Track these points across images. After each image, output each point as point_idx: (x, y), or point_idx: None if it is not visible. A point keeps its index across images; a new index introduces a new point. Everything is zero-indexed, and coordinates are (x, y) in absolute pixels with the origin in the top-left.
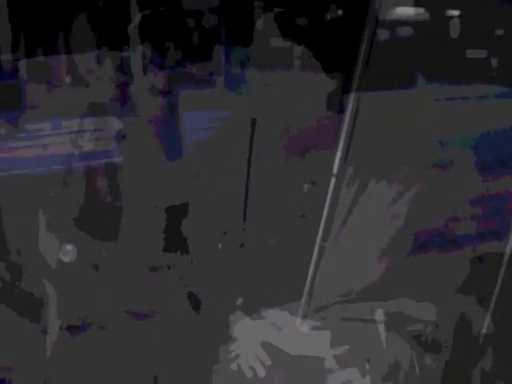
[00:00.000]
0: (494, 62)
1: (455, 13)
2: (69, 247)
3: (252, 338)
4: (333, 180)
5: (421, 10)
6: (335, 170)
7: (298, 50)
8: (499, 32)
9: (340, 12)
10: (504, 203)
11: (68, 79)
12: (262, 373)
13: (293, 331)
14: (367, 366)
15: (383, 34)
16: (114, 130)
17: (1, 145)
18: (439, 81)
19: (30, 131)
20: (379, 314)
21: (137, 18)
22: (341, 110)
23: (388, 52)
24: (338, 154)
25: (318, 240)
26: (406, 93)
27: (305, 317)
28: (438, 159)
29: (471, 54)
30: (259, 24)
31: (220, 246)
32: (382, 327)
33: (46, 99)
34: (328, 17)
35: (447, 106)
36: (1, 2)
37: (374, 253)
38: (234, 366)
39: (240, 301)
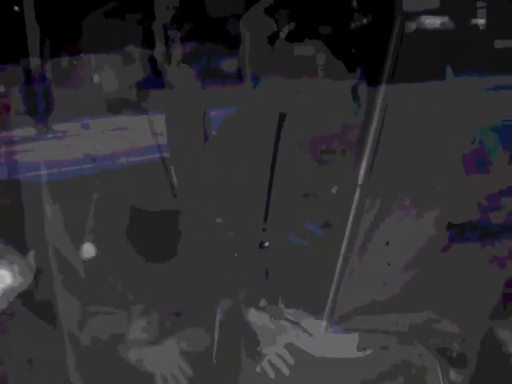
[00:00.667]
0: None
1: (481, 21)
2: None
3: (275, 338)
4: (358, 190)
5: (445, 19)
6: (360, 180)
7: (322, 58)
8: None
9: (365, 21)
10: None
11: (96, 79)
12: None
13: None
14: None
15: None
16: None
17: (30, 146)
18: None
19: (58, 132)
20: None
21: (169, 14)
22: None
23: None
24: (364, 164)
25: (343, 250)
26: (435, 92)
27: (327, 328)
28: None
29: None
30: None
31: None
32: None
33: (73, 99)
34: (353, 25)
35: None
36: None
37: (398, 265)
38: (258, 368)
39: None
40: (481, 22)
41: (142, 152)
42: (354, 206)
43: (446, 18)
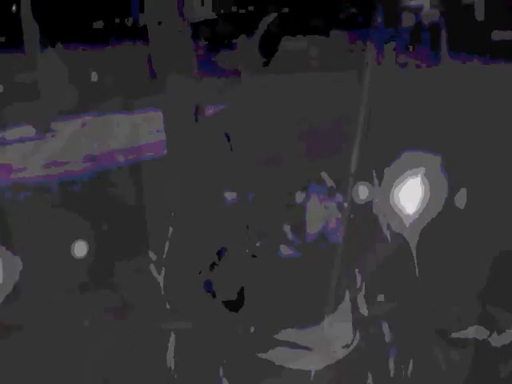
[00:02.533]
0: None
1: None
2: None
3: None
4: (351, 180)
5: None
6: (352, 169)
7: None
8: None
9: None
10: None
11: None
12: None
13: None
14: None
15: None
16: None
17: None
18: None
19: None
20: None
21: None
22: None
23: None
24: (355, 154)
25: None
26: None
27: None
28: None
29: None
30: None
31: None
32: None
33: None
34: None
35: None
36: None
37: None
38: None
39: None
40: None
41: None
42: (348, 195)
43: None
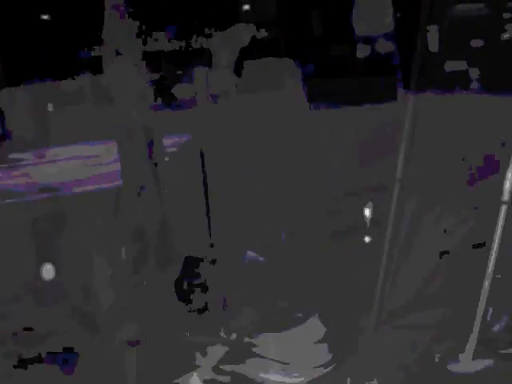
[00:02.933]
0: None
1: None
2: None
3: None
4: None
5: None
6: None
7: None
8: None
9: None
10: None
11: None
12: None
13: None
14: None
15: None
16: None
17: None
18: None
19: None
20: None
21: None
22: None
23: None
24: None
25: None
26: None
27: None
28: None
29: None
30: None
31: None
32: None
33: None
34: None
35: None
36: None
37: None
38: None
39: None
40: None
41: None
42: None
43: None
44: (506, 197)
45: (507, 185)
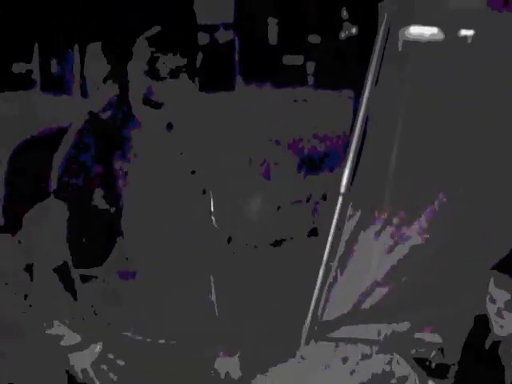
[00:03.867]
0: None
1: (469, 33)
2: None
3: None
4: (340, 199)
5: (434, 30)
6: (342, 188)
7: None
8: None
9: (354, 30)
10: None
11: None
12: None
13: None
14: None
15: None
16: None
17: None
18: None
19: None
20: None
21: None
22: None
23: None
24: (346, 173)
25: (325, 259)
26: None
27: (309, 340)
28: None
29: None
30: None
31: None
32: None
33: None
34: (342, 35)
35: None
36: None
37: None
38: None
39: None
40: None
41: None
42: (335, 214)
43: (434, 29)
44: (342, 189)
45: (344, 179)
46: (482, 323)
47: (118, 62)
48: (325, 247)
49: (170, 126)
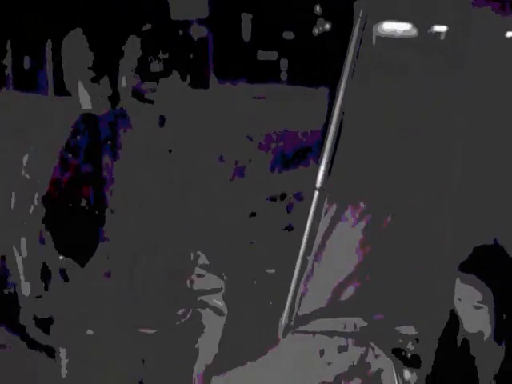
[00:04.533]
0: None
1: (442, 29)
2: None
3: None
4: (316, 194)
5: (408, 26)
6: (318, 183)
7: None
8: None
9: (328, 26)
10: None
11: None
12: None
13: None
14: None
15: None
16: None
17: None
18: None
19: None
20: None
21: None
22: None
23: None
24: (322, 168)
25: (301, 253)
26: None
27: (286, 333)
28: None
29: None
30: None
31: None
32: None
33: None
34: (315, 31)
35: None
36: None
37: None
38: None
39: None
40: (442, 29)
41: None
42: (312, 209)
43: (408, 25)
44: (318, 184)
45: (320, 174)
46: (455, 316)
47: (108, 60)
48: (301, 242)
49: (162, 123)
